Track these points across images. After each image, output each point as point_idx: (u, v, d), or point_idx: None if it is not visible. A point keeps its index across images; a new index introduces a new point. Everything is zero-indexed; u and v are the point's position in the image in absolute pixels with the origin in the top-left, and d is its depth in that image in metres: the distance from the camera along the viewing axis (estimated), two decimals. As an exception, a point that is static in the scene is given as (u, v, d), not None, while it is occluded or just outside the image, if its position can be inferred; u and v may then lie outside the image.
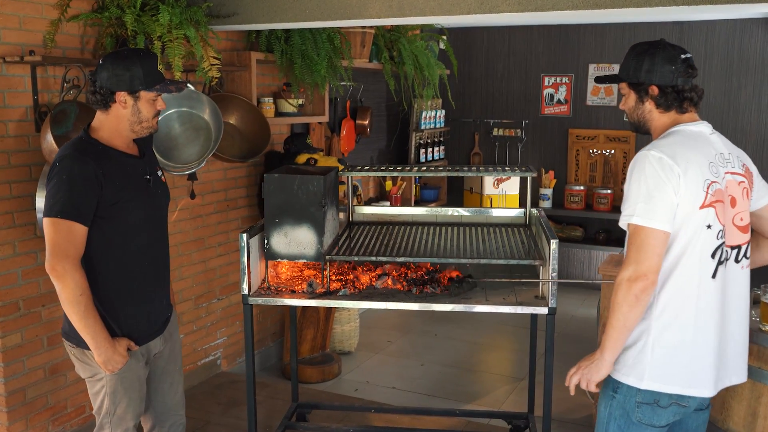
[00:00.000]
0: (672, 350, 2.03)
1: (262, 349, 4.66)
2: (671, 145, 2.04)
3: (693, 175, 1.99)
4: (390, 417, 3.83)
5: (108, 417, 2.43)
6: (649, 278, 1.96)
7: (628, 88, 2.19)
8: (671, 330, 2.03)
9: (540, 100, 6.78)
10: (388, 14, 3.18)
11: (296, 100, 4.46)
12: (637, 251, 1.97)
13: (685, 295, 2.02)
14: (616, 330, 2.02)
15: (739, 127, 6.07)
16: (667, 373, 2.03)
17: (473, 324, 5.57)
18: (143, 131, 2.42)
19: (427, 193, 6.37)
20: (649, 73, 2.11)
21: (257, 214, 4.51)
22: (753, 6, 2.70)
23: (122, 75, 2.30)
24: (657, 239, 1.96)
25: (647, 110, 2.17)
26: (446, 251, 3.06)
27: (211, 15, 3.52)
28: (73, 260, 2.24)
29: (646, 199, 1.98)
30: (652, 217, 1.96)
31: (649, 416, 2.06)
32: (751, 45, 5.95)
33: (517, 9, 2.93)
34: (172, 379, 2.67)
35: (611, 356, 2.07)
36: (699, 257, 2.01)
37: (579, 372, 2.13)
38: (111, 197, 2.31)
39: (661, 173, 1.98)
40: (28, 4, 3.06)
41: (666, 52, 2.11)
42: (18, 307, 3.17)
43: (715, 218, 2.01)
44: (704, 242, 2.01)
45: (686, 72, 2.11)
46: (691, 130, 2.11)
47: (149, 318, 2.51)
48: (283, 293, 2.99)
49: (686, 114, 2.15)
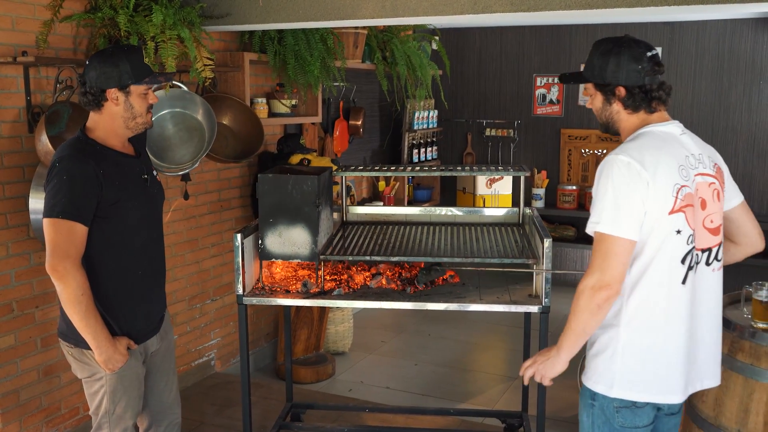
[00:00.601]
0: (641, 357, 2.01)
1: (256, 349, 4.66)
2: (640, 148, 1.98)
3: (662, 181, 1.94)
4: (384, 417, 3.84)
5: (107, 416, 2.43)
6: (612, 288, 1.93)
7: (594, 88, 2.12)
8: (640, 337, 2.00)
9: (532, 101, 6.80)
10: (381, 14, 3.19)
11: (289, 100, 4.47)
12: (602, 260, 1.93)
13: (654, 302, 1.99)
14: (575, 333, 2.01)
15: (730, 126, 6.10)
16: (636, 381, 2.01)
17: (467, 324, 5.58)
18: (138, 127, 2.42)
19: (420, 193, 6.38)
20: (616, 74, 2.04)
21: (251, 214, 4.51)
22: (743, 6, 2.72)
23: (110, 72, 2.31)
24: (623, 248, 1.92)
25: (615, 111, 2.11)
26: (440, 250, 3.07)
27: (204, 15, 3.52)
28: (74, 260, 2.24)
29: (613, 206, 1.93)
30: (618, 226, 1.92)
31: (630, 419, 2.04)
32: (741, 45, 5.99)
33: (509, 9, 2.94)
34: (167, 378, 2.68)
35: (567, 356, 2.06)
36: (668, 263, 1.97)
37: (534, 366, 2.12)
38: (111, 197, 2.31)
39: (628, 180, 1.93)
40: (20, 4, 3.06)
41: (631, 50, 2.04)
42: (11, 309, 3.16)
43: (685, 223, 1.97)
44: (674, 248, 1.97)
45: (653, 70, 2.04)
46: (661, 131, 2.05)
47: (147, 317, 2.52)
48: (278, 293, 2.99)
49: (655, 114, 2.09)
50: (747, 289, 2.67)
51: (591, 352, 2.10)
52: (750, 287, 2.63)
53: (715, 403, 2.55)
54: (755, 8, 2.81)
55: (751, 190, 6.05)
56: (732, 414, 2.48)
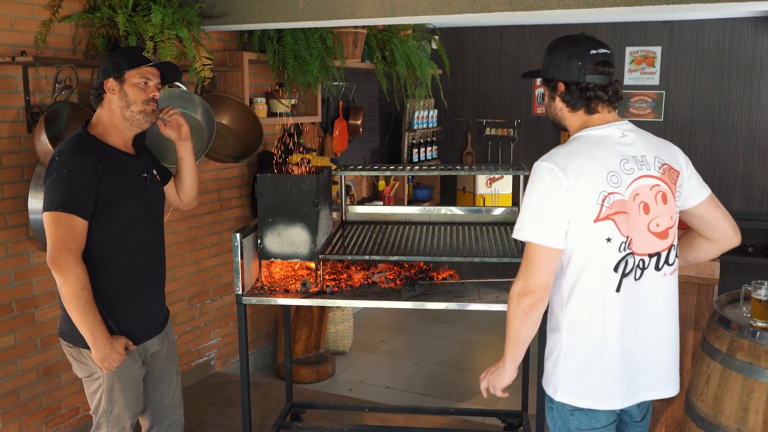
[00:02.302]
0: (581, 363, 2.00)
1: (256, 349, 4.66)
2: (567, 155, 1.95)
3: (584, 188, 1.90)
4: (384, 416, 3.84)
5: (105, 416, 2.43)
6: (536, 294, 1.92)
7: (543, 84, 2.11)
8: (580, 343, 2.00)
9: (532, 100, 6.80)
10: (380, 14, 3.18)
11: (289, 100, 4.47)
12: (526, 267, 1.93)
13: (590, 309, 1.97)
14: (511, 342, 2.02)
15: (730, 125, 6.10)
16: (576, 385, 2.01)
17: (466, 323, 5.58)
18: (134, 118, 2.40)
19: (420, 192, 6.38)
20: (557, 69, 2.02)
21: (250, 214, 4.51)
22: (743, 5, 2.72)
23: (107, 64, 2.39)
24: (545, 255, 1.91)
25: (558, 108, 2.08)
26: (440, 250, 3.07)
27: (203, 15, 3.52)
28: (74, 254, 2.24)
29: (535, 214, 1.92)
30: (539, 233, 1.91)
31: (586, 421, 2.03)
32: (741, 44, 5.98)
33: (508, 8, 2.94)
34: (170, 379, 2.67)
35: (512, 365, 2.07)
36: (601, 271, 1.95)
37: (487, 377, 2.14)
38: (108, 193, 2.31)
39: (549, 187, 1.91)
40: (19, 4, 3.06)
41: (576, 47, 2.00)
42: (11, 309, 3.16)
43: (616, 231, 1.93)
44: (604, 256, 1.94)
45: (595, 69, 1.98)
46: (596, 135, 2.00)
47: (146, 317, 2.51)
48: (277, 293, 2.99)
49: (596, 115, 2.03)
50: (746, 288, 2.66)
51: (544, 354, 2.11)
52: (749, 286, 2.63)
53: (714, 401, 2.55)
54: (754, 7, 2.81)
55: (752, 189, 6.05)
56: (731, 413, 2.48)
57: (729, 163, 6.08)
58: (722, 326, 2.59)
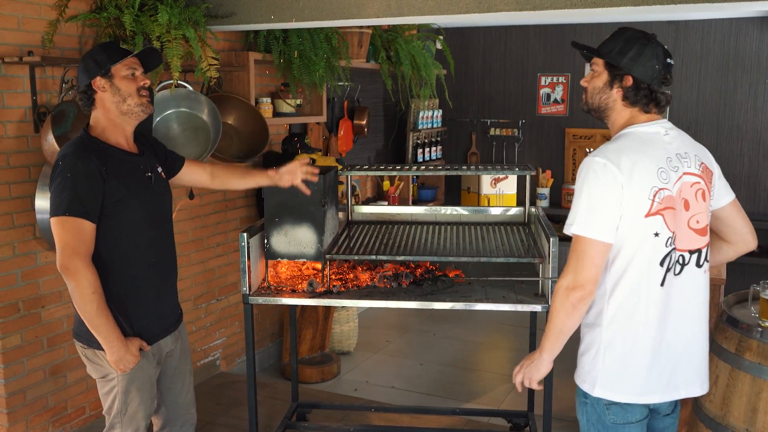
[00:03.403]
0: (622, 357, 2.01)
1: (261, 349, 4.66)
2: (618, 150, 1.97)
3: (638, 183, 1.93)
4: (390, 416, 3.83)
5: (119, 417, 2.43)
6: (586, 288, 1.94)
7: (603, 67, 2.07)
8: (621, 338, 2.01)
9: (537, 100, 6.79)
10: (386, 14, 3.18)
11: (294, 100, 4.47)
12: (576, 261, 1.95)
13: (633, 303, 1.99)
14: (554, 334, 2.03)
15: (735, 125, 6.09)
16: (616, 381, 2.02)
17: (472, 323, 5.58)
18: (133, 110, 2.39)
19: (425, 192, 6.38)
20: (632, 62, 2.01)
21: (255, 214, 4.52)
22: (749, 4, 2.72)
23: (89, 64, 2.36)
24: (596, 250, 1.94)
25: (612, 98, 2.08)
26: (446, 250, 3.07)
27: (209, 15, 3.52)
28: (84, 258, 2.23)
29: (588, 208, 1.94)
30: (592, 228, 1.93)
31: (622, 415, 2.04)
32: (746, 44, 5.97)
33: (515, 8, 2.94)
34: (183, 379, 2.67)
35: (549, 356, 2.08)
36: (647, 265, 1.97)
37: (522, 370, 2.14)
38: (114, 194, 2.31)
39: (603, 182, 1.93)
40: (26, 4, 3.06)
41: (656, 49, 2.02)
42: (18, 309, 3.17)
43: (664, 226, 1.96)
44: (652, 250, 1.97)
45: (665, 77, 2.03)
46: (644, 132, 2.03)
47: (160, 317, 2.50)
48: (284, 293, 2.99)
49: (646, 114, 2.07)
50: (754, 288, 2.66)
51: (579, 350, 2.12)
52: (757, 286, 2.62)
53: (722, 402, 2.54)
54: (760, 6, 2.80)
55: (757, 190, 6.03)
56: (740, 413, 2.47)
57: (734, 164, 6.07)
58: (730, 326, 2.58)
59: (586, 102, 2.14)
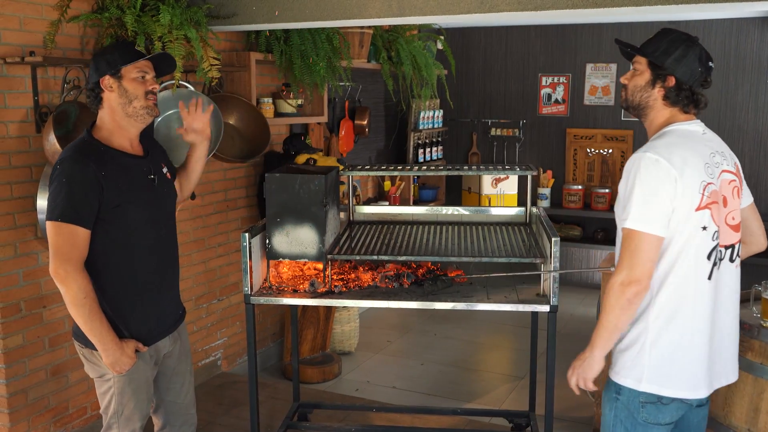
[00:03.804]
0: (669, 352, 2.03)
1: (263, 349, 4.66)
2: (667, 146, 2.01)
3: (689, 178, 1.98)
4: (391, 416, 3.83)
5: (116, 417, 2.43)
6: (641, 283, 1.96)
7: (646, 66, 2.12)
8: (668, 332, 2.03)
9: (538, 100, 6.79)
10: (387, 14, 3.18)
11: (295, 100, 4.47)
12: (631, 256, 1.96)
13: (681, 297, 2.02)
14: (607, 330, 2.04)
15: (736, 126, 6.09)
16: (664, 375, 2.04)
17: (473, 323, 5.58)
18: (138, 113, 2.37)
19: (426, 193, 6.38)
20: (677, 63, 2.06)
21: (257, 214, 4.52)
22: (749, 4, 2.72)
23: (100, 62, 2.35)
24: (651, 244, 1.96)
25: (653, 97, 2.12)
26: (447, 250, 3.07)
27: (210, 15, 3.52)
28: (75, 263, 2.23)
29: (642, 203, 1.96)
30: (646, 222, 1.95)
31: (654, 415, 2.06)
32: (747, 44, 5.97)
33: (516, 8, 2.94)
34: (183, 379, 2.67)
35: (601, 354, 2.08)
36: (695, 259, 2.01)
37: (574, 372, 2.15)
38: (113, 199, 2.29)
39: (656, 177, 1.96)
40: (28, 5, 3.06)
41: (699, 51, 2.08)
42: (19, 309, 3.17)
43: (711, 220, 2.01)
44: (700, 244, 2.01)
45: (705, 80, 2.10)
46: (686, 130, 2.08)
47: (158, 318, 2.50)
48: (285, 293, 2.99)
49: (684, 114, 2.13)
50: (756, 288, 2.66)
51: (620, 346, 2.12)
52: (759, 286, 2.62)
53: (724, 402, 2.54)
54: (761, 6, 2.80)
55: (758, 190, 6.04)
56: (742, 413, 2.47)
57: (735, 164, 6.06)
58: (732, 326, 2.58)
59: (625, 99, 2.18)
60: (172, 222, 2.58)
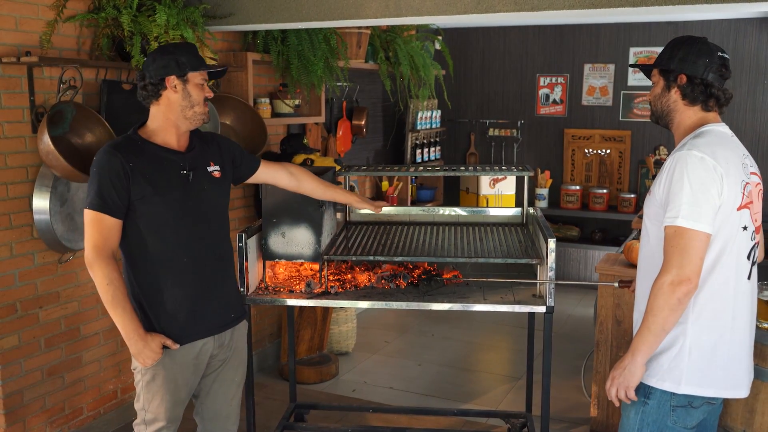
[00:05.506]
0: (709, 353, 2.01)
1: (259, 349, 4.65)
2: (709, 145, 2.01)
3: (733, 176, 1.98)
4: (388, 417, 3.83)
5: (143, 411, 2.43)
6: (692, 282, 1.93)
7: (658, 74, 2.15)
8: (709, 332, 2.01)
9: (535, 100, 6.79)
10: (385, 14, 3.18)
11: (293, 100, 4.46)
12: (681, 254, 1.93)
13: (722, 297, 2.00)
14: (654, 334, 1.98)
15: (735, 126, 6.05)
16: (705, 377, 2.02)
17: (470, 324, 5.57)
18: (195, 117, 2.40)
19: (424, 193, 6.37)
20: (682, 62, 2.08)
21: (254, 215, 4.51)
22: (749, 5, 2.72)
23: (169, 61, 2.35)
24: (701, 242, 1.93)
25: (672, 100, 2.13)
26: (444, 250, 3.06)
27: (207, 15, 3.52)
28: (101, 250, 2.26)
29: (691, 200, 1.94)
30: (697, 220, 1.93)
31: (683, 418, 2.05)
32: (745, 45, 5.97)
33: (513, 9, 2.94)
34: (227, 388, 2.60)
35: (644, 359, 2.03)
36: (736, 259, 2.00)
37: (614, 383, 2.08)
38: (138, 191, 2.30)
39: (704, 174, 1.95)
40: (24, 5, 3.06)
41: (704, 45, 2.09)
42: (15, 309, 3.16)
43: (749, 219, 2.02)
44: (741, 244, 2.01)
45: (719, 69, 2.07)
46: (720, 131, 2.09)
47: (195, 317, 2.42)
48: (282, 293, 2.99)
49: (711, 113, 2.12)
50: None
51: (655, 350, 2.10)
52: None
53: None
54: (759, 7, 2.81)
55: (756, 190, 6.04)
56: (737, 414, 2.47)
57: (733, 164, 6.07)
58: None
59: (652, 112, 2.21)
60: (215, 221, 2.50)
